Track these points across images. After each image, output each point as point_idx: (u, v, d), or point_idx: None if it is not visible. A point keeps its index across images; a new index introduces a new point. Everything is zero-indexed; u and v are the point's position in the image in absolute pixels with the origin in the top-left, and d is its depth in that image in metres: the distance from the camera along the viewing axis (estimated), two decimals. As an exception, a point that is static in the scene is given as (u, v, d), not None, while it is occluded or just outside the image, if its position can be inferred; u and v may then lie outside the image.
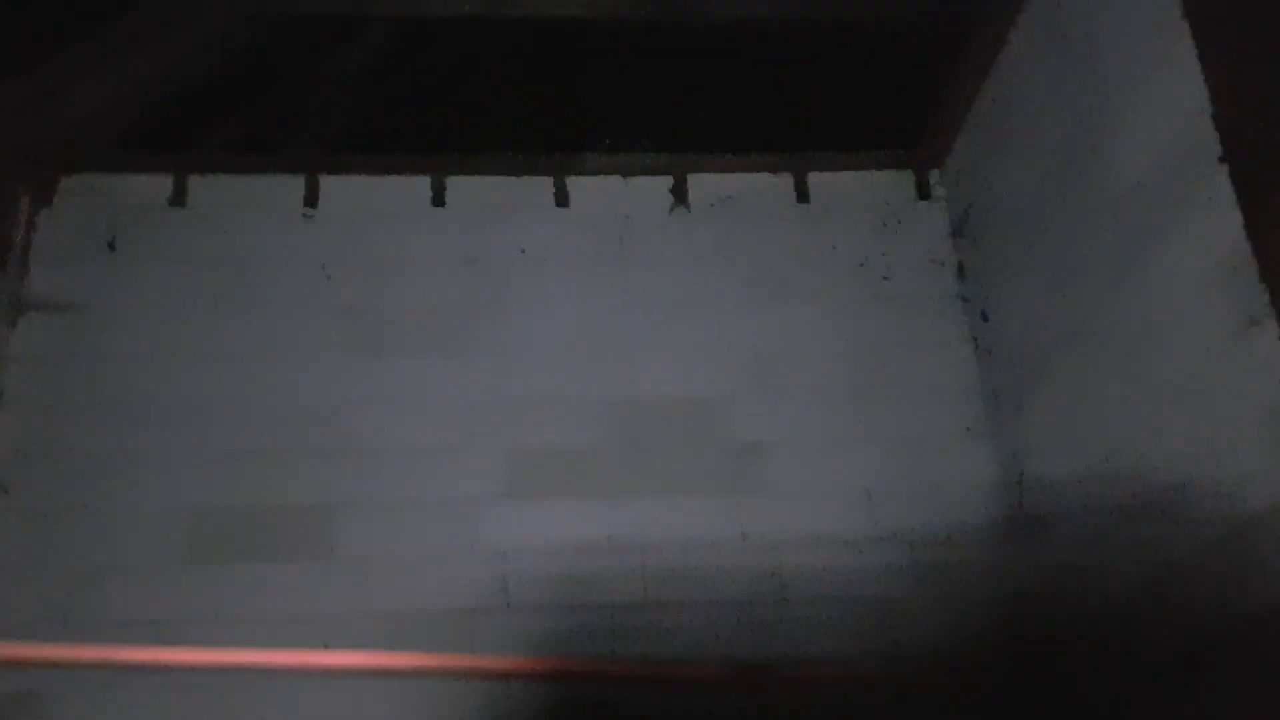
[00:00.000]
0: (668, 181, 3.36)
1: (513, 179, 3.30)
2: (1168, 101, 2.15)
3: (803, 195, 3.40)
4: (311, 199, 3.24)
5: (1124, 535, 2.35)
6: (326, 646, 2.68)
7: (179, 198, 3.22)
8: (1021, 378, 2.86)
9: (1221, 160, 1.96)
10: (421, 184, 3.27)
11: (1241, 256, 1.93)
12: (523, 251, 3.21)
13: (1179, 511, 2.17)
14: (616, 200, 3.31)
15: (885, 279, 3.29)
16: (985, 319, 3.14)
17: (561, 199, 3.30)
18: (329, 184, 3.26)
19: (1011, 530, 2.91)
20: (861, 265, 3.30)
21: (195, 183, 3.24)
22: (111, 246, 3.13)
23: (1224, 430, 2.03)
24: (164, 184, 3.23)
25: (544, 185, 3.31)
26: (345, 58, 3.86)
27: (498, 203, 3.26)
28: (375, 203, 3.24)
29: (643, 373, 3.07)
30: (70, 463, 2.85)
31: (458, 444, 2.95)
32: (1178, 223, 2.11)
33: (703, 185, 3.37)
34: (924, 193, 3.45)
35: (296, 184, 3.26)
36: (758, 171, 3.41)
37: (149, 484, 2.84)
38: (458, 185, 3.28)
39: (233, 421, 2.93)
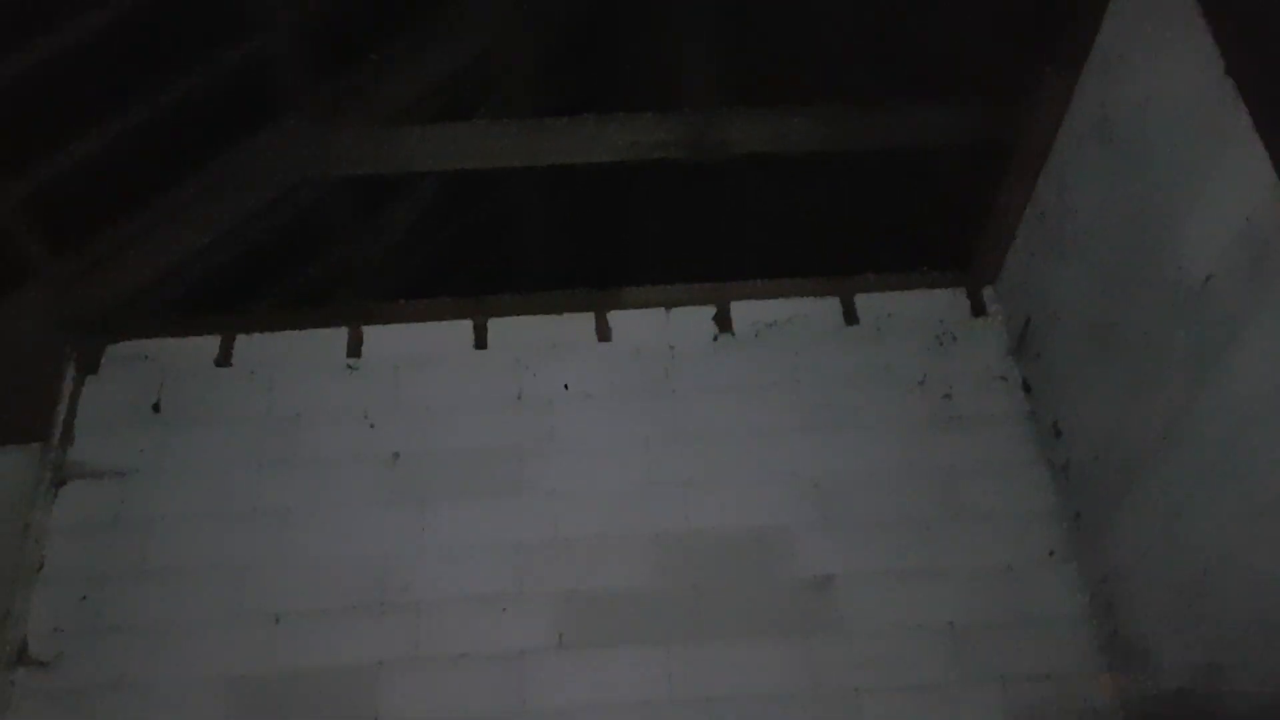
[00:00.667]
0: (710, 310, 3.30)
1: (554, 317, 3.27)
2: (1232, 193, 2.05)
3: (851, 317, 3.31)
4: (355, 350, 3.22)
5: (1235, 656, 2.13)
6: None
7: (224, 358, 3.21)
8: (1104, 494, 2.68)
9: (1300, 245, 1.84)
10: (463, 327, 3.24)
11: (1334, 343, 1.79)
12: (566, 388, 3.13)
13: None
14: (659, 332, 3.25)
15: (946, 398, 3.15)
16: (1058, 434, 2.98)
17: (604, 334, 3.25)
18: (372, 334, 3.24)
19: (1111, 660, 2.68)
20: (920, 384, 3.18)
21: (241, 342, 3.24)
22: (156, 409, 3.11)
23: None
24: (210, 345, 3.23)
25: (585, 321, 3.26)
26: (390, 213, 3.91)
27: (540, 341, 3.22)
28: (418, 349, 3.21)
29: (697, 507, 2.94)
30: (111, 635, 2.76)
31: (506, 591, 2.82)
32: (1258, 315, 1.98)
33: (747, 312, 3.30)
34: (979, 309, 3.34)
35: (340, 336, 3.24)
36: (802, 296, 3.34)
37: (190, 652, 2.73)
38: (499, 326, 3.25)
39: (275, 581, 2.83)
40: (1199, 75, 2.12)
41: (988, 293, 3.36)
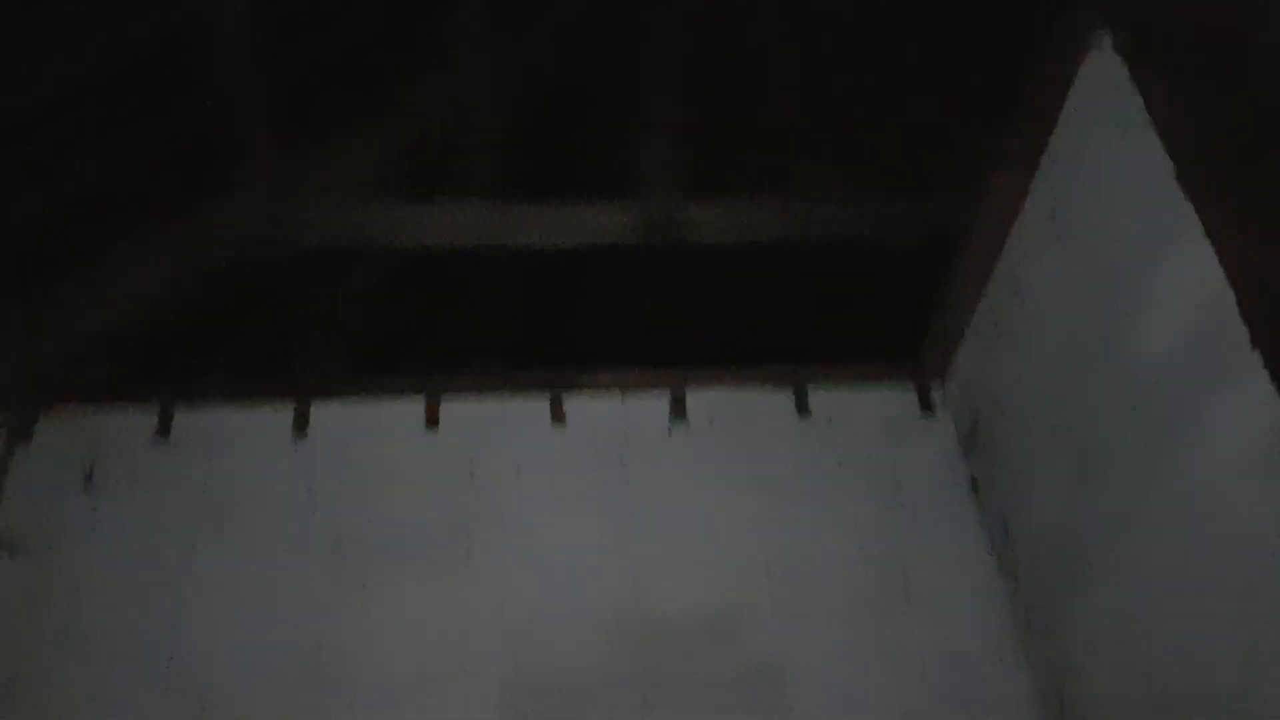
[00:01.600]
0: (666, 397, 3.29)
1: (507, 398, 3.23)
2: (1181, 291, 2.10)
3: (803, 409, 3.33)
4: (301, 426, 3.15)
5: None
6: None
7: (163, 429, 3.12)
8: (1054, 587, 2.68)
9: (1253, 345, 1.88)
10: (415, 406, 3.19)
11: (1283, 442, 1.83)
12: (518, 471, 3.09)
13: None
14: (614, 417, 3.23)
15: (896, 491, 3.16)
16: (1006, 531, 2.99)
17: (558, 417, 3.22)
18: (320, 410, 3.18)
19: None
20: (871, 479, 3.18)
21: (181, 414, 3.15)
22: (89, 480, 3.00)
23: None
24: (148, 416, 3.14)
25: (540, 404, 3.23)
26: (344, 286, 3.88)
27: (492, 423, 3.18)
28: (367, 427, 3.15)
29: (647, 590, 2.88)
30: (30, 713, 2.61)
31: (450, 672, 2.71)
32: (1209, 408, 2.02)
33: (702, 400, 3.29)
34: (927, 405, 3.38)
35: (286, 411, 3.18)
36: (757, 385, 3.35)
37: (114, 734, 2.59)
38: (452, 407, 3.20)
39: (205, 663, 2.70)
40: (1149, 178, 2.19)
41: (936, 388, 3.40)
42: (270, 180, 3.31)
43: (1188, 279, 2.07)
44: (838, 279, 3.73)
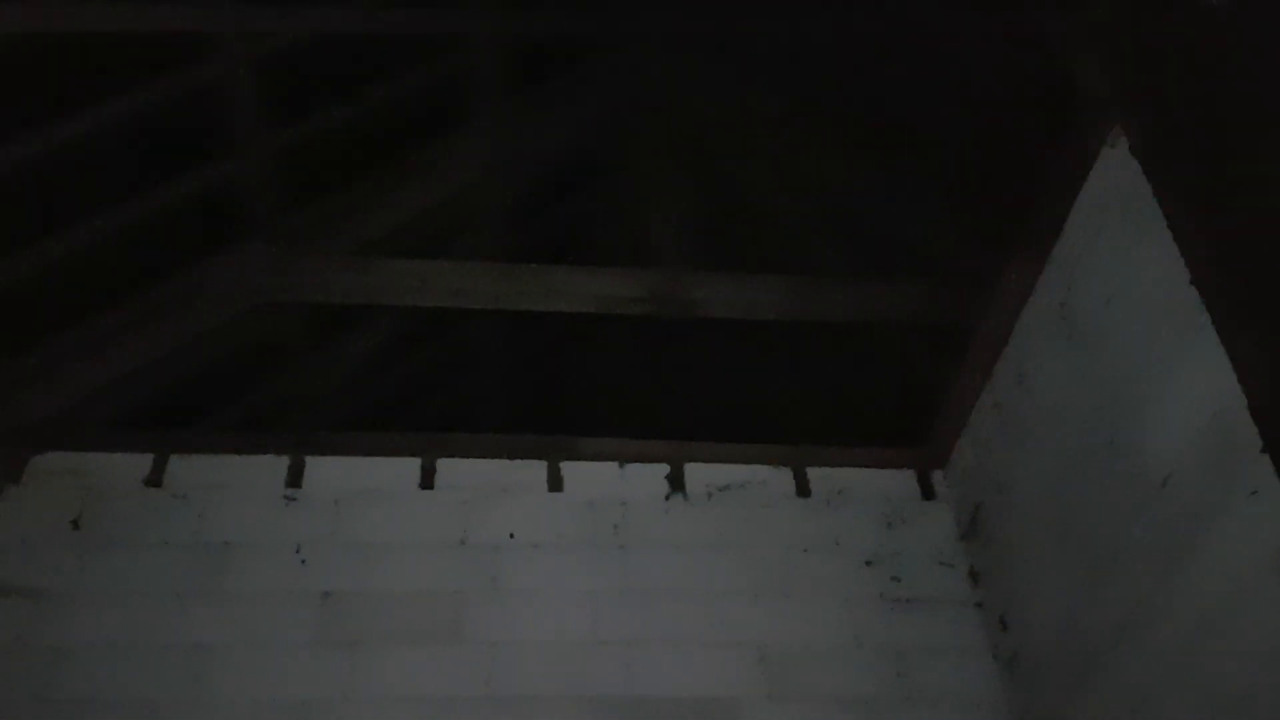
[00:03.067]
0: (664, 469, 3.26)
1: (506, 461, 3.20)
2: (1196, 393, 2.09)
3: (803, 489, 3.30)
4: (295, 480, 3.11)
5: None
6: None
7: (155, 478, 3.08)
8: (1055, 687, 2.63)
9: (1263, 451, 1.87)
10: (411, 465, 3.15)
11: (1299, 550, 1.80)
12: (512, 536, 3.04)
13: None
14: (612, 486, 3.19)
15: (895, 580, 3.12)
16: (1004, 626, 2.95)
17: (555, 483, 3.18)
18: (315, 465, 3.14)
19: None
20: (869, 563, 3.14)
21: (175, 463, 3.11)
22: (75, 526, 2.94)
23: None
24: (141, 464, 3.10)
25: (538, 469, 3.20)
26: (345, 343, 3.86)
27: (489, 485, 3.14)
28: (361, 484, 3.11)
29: (640, 670, 2.82)
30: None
31: (433, 751, 2.64)
32: (1222, 514, 2.00)
33: (700, 474, 3.26)
34: (928, 492, 3.35)
35: (280, 464, 3.13)
36: (756, 462, 3.32)
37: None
38: (448, 467, 3.16)
39: (189, 720, 2.63)
40: (1164, 279, 2.20)
41: (938, 476, 3.38)
42: (276, 236, 3.32)
43: (1201, 383, 2.06)
44: (842, 360, 3.72)
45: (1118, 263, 2.40)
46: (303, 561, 2.94)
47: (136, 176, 3.03)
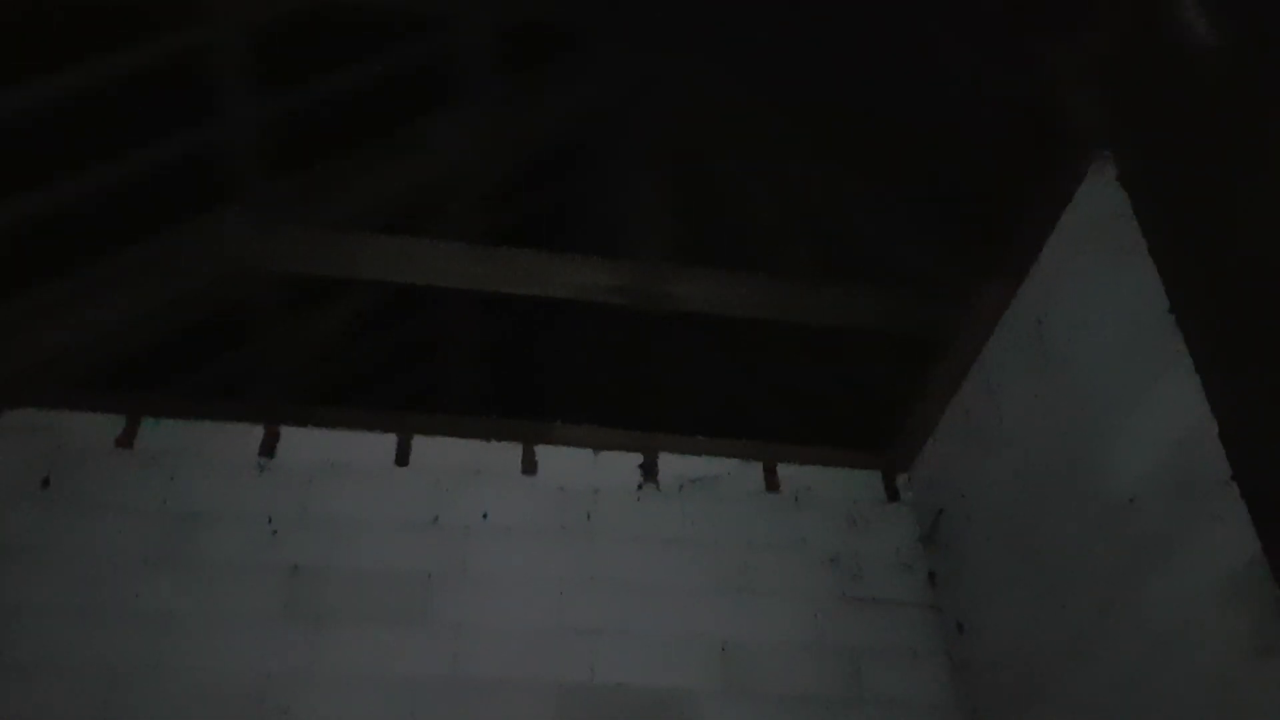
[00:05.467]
0: (638, 458, 3.30)
1: (481, 443, 3.21)
2: (1164, 420, 2.16)
3: (772, 485, 3.36)
4: (268, 449, 3.10)
5: None
6: None
7: (127, 439, 3.05)
8: (1006, 698, 2.71)
9: (1231, 479, 1.95)
10: (387, 441, 3.16)
11: (1256, 578, 1.88)
12: (485, 517, 3.06)
13: None
14: (585, 472, 3.23)
15: (856, 578, 3.19)
16: (960, 630, 3.03)
17: (529, 467, 3.21)
18: (290, 435, 3.13)
19: None
20: (832, 561, 3.21)
21: (146, 425, 3.08)
22: (45, 485, 2.91)
23: (1242, 766, 1.91)
24: (112, 424, 3.07)
25: (512, 452, 3.22)
26: (322, 316, 3.84)
27: (463, 466, 3.15)
28: (335, 457, 3.11)
29: (603, 659, 2.86)
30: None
31: (393, 730, 2.66)
32: (1183, 540, 2.07)
33: (672, 465, 3.31)
34: (892, 494, 3.42)
35: (255, 433, 3.13)
36: (728, 456, 3.37)
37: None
38: (423, 445, 3.17)
39: (146, 690, 2.63)
40: (1141, 306, 2.26)
41: (902, 480, 3.45)
42: (256, 204, 3.30)
43: (1171, 409, 2.13)
44: (816, 361, 3.78)
45: (1095, 286, 2.47)
46: (274, 533, 2.94)
47: (120, 138, 2.99)
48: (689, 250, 3.60)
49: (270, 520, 2.96)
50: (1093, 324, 2.47)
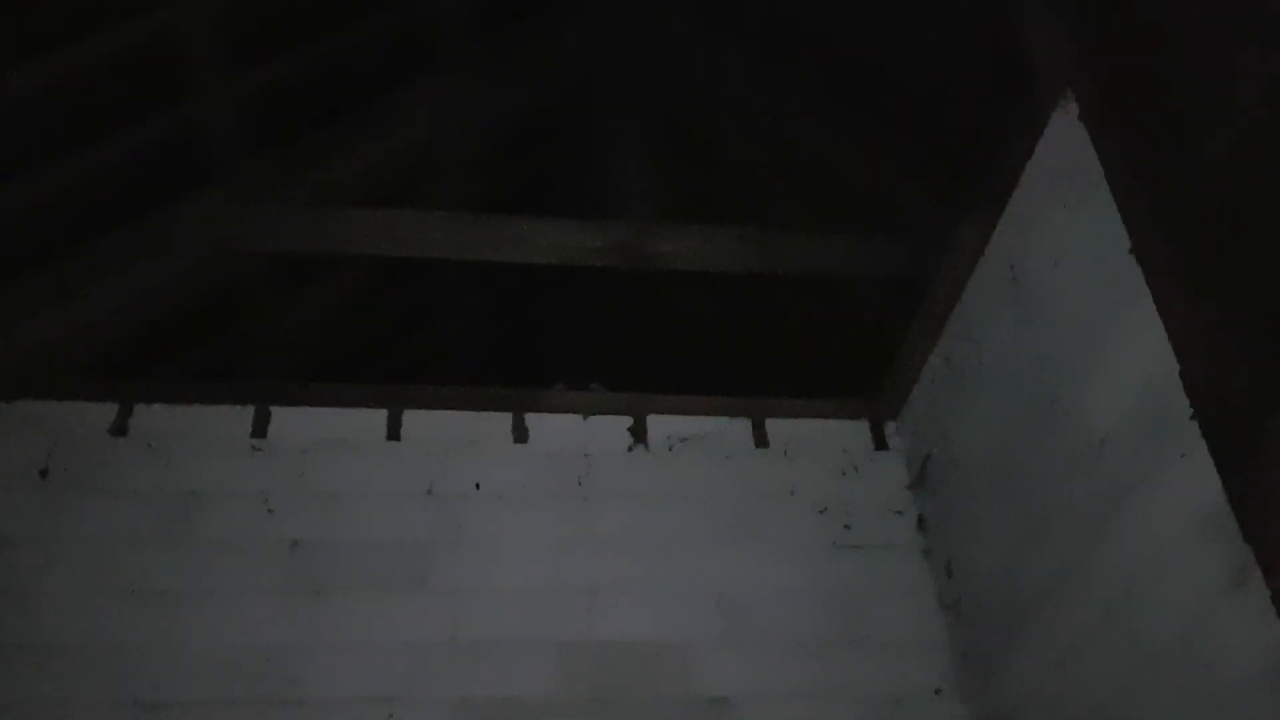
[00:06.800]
0: (627, 421, 3.33)
1: (471, 414, 3.25)
2: (1132, 359, 2.18)
3: (761, 440, 3.39)
4: (260, 430, 3.15)
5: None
6: None
7: (120, 427, 3.10)
8: (993, 635, 2.76)
9: (1192, 418, 1.97)
10: (377, 416, 3.20)
11: (1222, 513, 1.91)
12: (478, 487, 3.11)
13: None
14: (576, 438, 3.26)
15: (846, 527, 3.23)
16: (950, 573, 3.07)
17: (520, 435, 3.24)
18: (280, 415, 3.17)
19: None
20: (822, 512, 3.25)
21: (140, 412, 3.13)
22: (44, 475, 2.97)
23: (1215, 690, 1.95)
24: (106, 412, 3.11)
25: (503, 421, 3.26)
26: (309, 293, 3.88)
27: (455, 437, 3.19)
28: (327, 434, 3.15)
29: (601, 616, 2.92)
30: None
31: (398, 694, 2.72)
32: (1153, 477, 2.10)
33: (662, 426, 3.34)
34: (880, 443, 3.45)
35: (246, 414, 3.17)
36: (716, 414, 3.40)
37: (57, 737, 2.57)
38: (414, 419, 3.21)
39: (156, 667, 2.69)
40: (1105, 246, 2.27)
41: (890, 428, 3.48)
42: (238, 184, 3.32)
43: (1138, 348, 2.15)
44: (802, 313, 3.79)
45: (1064, 227, 2.48)
46: (270, 510, 3.00)
47: (97, 124, 3.01)
48: (674, 208, 3.61)
49: (267, 499, 3.02)
50: (1063, 265, 2.48)
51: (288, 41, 3.33)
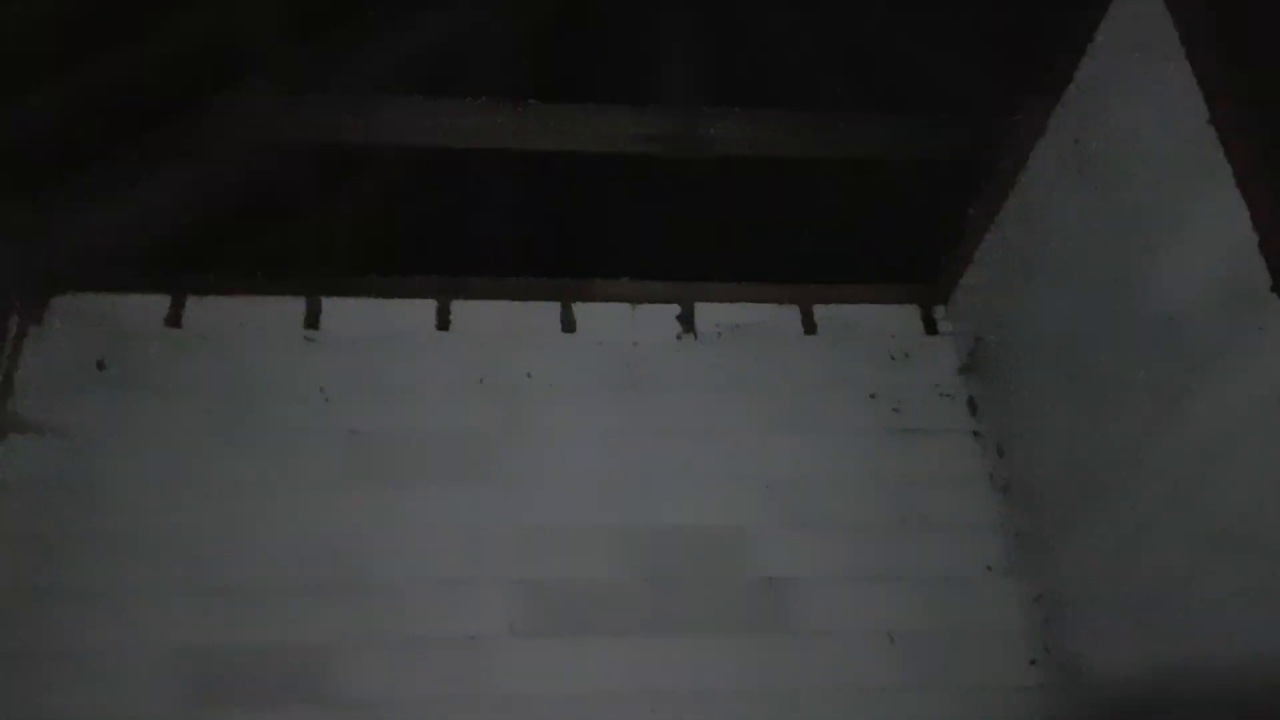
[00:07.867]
0: (675, 309, 3.32)
1: (519, 304, 3.25)
2: (1208, 233, 2.13)
3: (809, 327, 3.37)
4: (313, 321, 3.16)
5: (1177, 679, 2.23)
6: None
7: (175, 319, 3.12)
8: (1051, 515, 2.77)
9: (1273, 290, 1.92)
10: (427, 307, 3.20)
11: (1301, 388, 1.88)
12: (529, 376, 3.12)
13: (1234, 662, 2.06)
14: (624, 327, 3.26)
15: (897, 411, 3.22)
16: (1001, 454, 3.07)
17: (568, 325, 3.24)
18: (331, 306, 3.19)
19: (1043, 676, 2.77)
20: (872, 397, 3.24)
21: (193, 304, 3.15)
22: (100, 367, 3.01)
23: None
24: (159, 305, 3.14)
25: (551, 311, 3.25)
26: (354, 185, 3.84)
27: (503, 327, 3.20)
28: (378, 326, 3.16)
29: (655, 502, 2.96)
30: (52, 601, 2.66)
31: (460, 577, 2.80)
32: (1229, 354, 2.06)
33: (710, 314, 3.33)
34: (930, 327, 3.42)
35: (297, 306, 3.18)
36: (764, 302, 3.38)
37: (136, 624, 2.66)
38: (463, 309, 3.22)
39: (225, 556, 2.76)
40: (1181, 119, 2.20)
41: (940, 311, 3.45)
42: (281, 77, 3.26)
43: (1214, 223, 2.09)
44: (851, 198, 3.72)
45: (1134, 101, 2.39)
46: (326, 400, 3.02)
47: (140, 18, 2.96)
48: (720, 94, 3.52)
49: (323, 389, 3.04)
50: (1133, 140, 2.41)
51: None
